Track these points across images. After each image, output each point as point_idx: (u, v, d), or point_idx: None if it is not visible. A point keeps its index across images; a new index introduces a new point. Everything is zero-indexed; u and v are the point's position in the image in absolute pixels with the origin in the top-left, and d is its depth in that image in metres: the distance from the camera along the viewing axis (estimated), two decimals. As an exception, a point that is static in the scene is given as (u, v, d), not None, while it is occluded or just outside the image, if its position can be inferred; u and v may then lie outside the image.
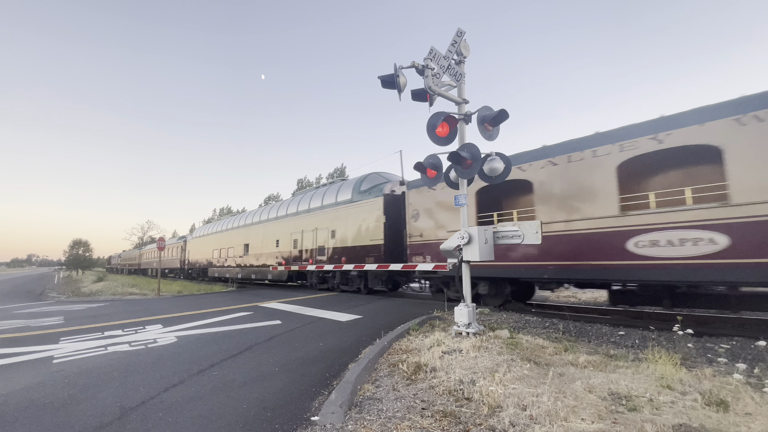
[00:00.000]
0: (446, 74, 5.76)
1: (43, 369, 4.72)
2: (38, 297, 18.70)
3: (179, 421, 3.13)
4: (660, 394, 3.15)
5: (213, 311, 9.55)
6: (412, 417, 2.98)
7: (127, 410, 3.36)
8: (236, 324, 7.50)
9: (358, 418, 3.03)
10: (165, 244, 18.72)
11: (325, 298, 11.80)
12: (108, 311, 10.46)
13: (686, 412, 2.82)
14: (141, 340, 6.19)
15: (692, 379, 3.47)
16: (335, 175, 47.42)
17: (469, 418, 2.91)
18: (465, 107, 5.87)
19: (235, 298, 13.20)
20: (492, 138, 5.86)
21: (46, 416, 3.29)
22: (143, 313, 9.78)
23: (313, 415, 3.19)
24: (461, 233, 5.49)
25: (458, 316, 5.50)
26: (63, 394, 3.78)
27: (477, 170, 5.69)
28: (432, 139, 5.68)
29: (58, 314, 10.13)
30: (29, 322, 8.82)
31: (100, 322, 8.29)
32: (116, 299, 14.89)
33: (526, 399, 3.08)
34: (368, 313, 8.56)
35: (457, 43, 5.73)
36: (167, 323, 7.89)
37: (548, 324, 6.82)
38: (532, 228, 5.40)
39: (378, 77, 5.41)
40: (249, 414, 3.24)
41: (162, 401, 3.55)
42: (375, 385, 3.79)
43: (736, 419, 2.71)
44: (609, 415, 2.80)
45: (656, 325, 6.17)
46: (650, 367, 3.78)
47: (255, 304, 10.88)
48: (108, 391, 3.85)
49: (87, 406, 3.47)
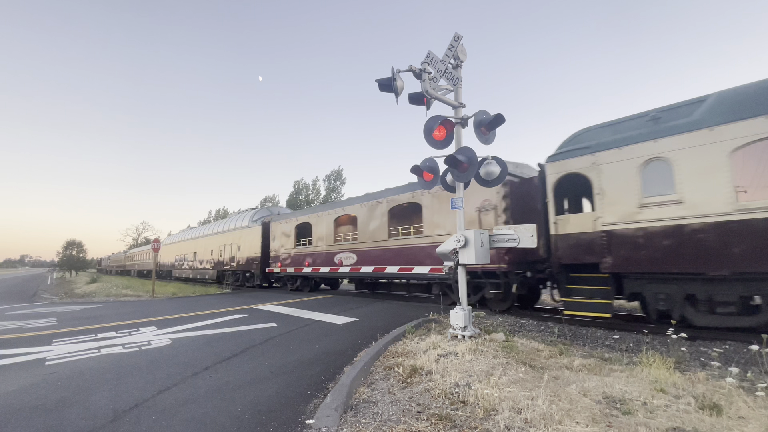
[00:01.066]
0: (443, 78, 5.79)
1: (36, 371, 4.67)
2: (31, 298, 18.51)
3: (173, 424, 3.11)
4: (654, 397, 3.17)
5: (208, 313, 9.49)
6: (407, 420, 2.98)
7: (120, 413, 3.33)
8: (231, 326, 7.46)
9: (354, 421, 3.03)
10: (160, 245, 18.67)
11: (321, 301, 11.77)
12: (101, 313, 10.37)
13: (680, 416, 2.84)
14: (135, 342, 6.14)
15: (686, 383, 3.50)
16: (332, 178, 47.46)
17: (465, 422, 2.91)
18: (462, 111, 5.90)
19: (230, 300, 13.14)
20: (488, 142, 5.89)
21: (37, 419, 3.25)
22: (137, 314, 9.71)
23: (308, 418, 3.18)
24: (457, 236, 5.50)
25: (454, 320, 5.50)
26: (55, 397, 3.74)
27: (473, 174, 5.72)
28: (429, 143, 5.70)
29: (50, 315, 10.03)
30: (22, 323, 8.72)
31: (94, 324, 8.21)
32: (110, 301, 14.75)
33: (521, 402, 3.09)
34: (364, 315, 8.54)
35: (454, 47, 5.77)
36: (161, 325, 7.83)
37: (543, 327, 6.85)
38: (528, 231, 5.43)
39: (375, 81, 5.43)
40: (243, 417, 3.22)
41: (155, 404, 3.52)
42: (370, 388, 3.78)
43: (729, 423, 2.73)
44: (603, 419, 2.81)
45: (651, 329, 6.21)
46: (644, 371, 3.80)
47: (250, 306, 10.83)
48: (101, 393, 3.82)
49: (79, 409, 3.44)
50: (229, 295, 15.37)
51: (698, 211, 5.92)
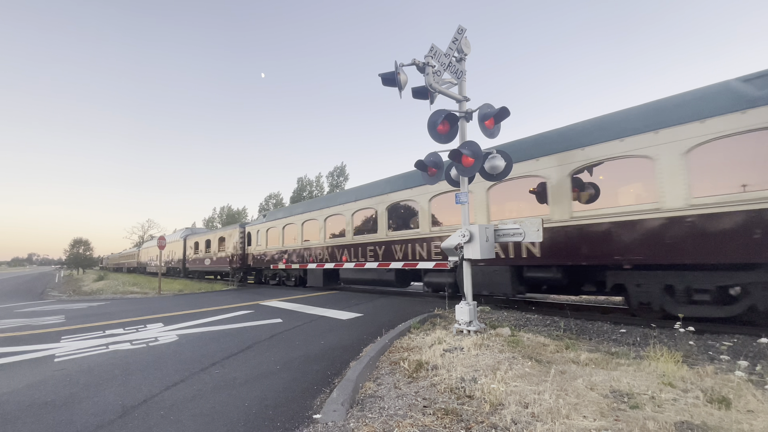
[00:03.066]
0: (447, 72, 5.73)
1: (45, 367, 4.72)
2: (39, 296, 18.71)
3: (181, 419, 3.13)
4: (662, 391, 3.14)
5: (214, 309, 9.56)
6: (413, 415, 2.98)
7: (128, 409, 3.37)
8: (237, 322, 7.51)
9: (360, 416, 3.03)
10: (165, 242, 18.80)
11: (326, 297, 11.81)
12: (109, 310, 10.47)
13: (688, 410, 2.81)
14: (142, 339, 6.20)
15: (694, 377, 3.47)
16: (335, 175, 47.46)
17: (471, 416, 2.91)
18: (466, 105, 5.85)
19: (235, 296, 13.21)
20: (493, 136, 5.84)
21: (47, 415, 3.29)
22: (144, 311, 9.79)
23: (315, 413, 3.19)
24: (462, 231, 5.48)
25: (459, 314, 5.49)
26: (65, 393, 3.79)
27: (478, 168, 5.67)
28: (433, 137, 5.66)
29: (59, 313, 10.14)
30: (30, 320, 8.83)
31: (101, 321, 8.30)
32: (117, 298, 14.90)
33: (527, 397, 3.08)
34: (369, 311, 8.56)
35: (458, 40, 5.71)
36: (168, 322, 7.89)
37: (549, 322, 6.82)
38: (534, 226, 5.39)
39: (378, 75, 5.40)
40: (251, 412, 3.24)
41: (164, 400, 3.55)
42: (376, 383, 3.79)
43: (738, 416, 2.71)
44: (611, 413, 2.79)
45: (658, 322, 6.17)
46: (652, 365, 3.77)
47: (256, 302, 10.89)
48: (109, 389, 3.85)
49: (89, 405, 3.47)
50: (235, 292, 15.47)
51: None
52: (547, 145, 7.66)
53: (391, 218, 11.31)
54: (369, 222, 12.13)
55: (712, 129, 5.58)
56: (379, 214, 11.54)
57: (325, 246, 13.81)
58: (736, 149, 5.49)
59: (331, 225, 13.85)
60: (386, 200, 11.38)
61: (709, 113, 5.65)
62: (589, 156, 6.92)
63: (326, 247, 13.77)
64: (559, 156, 7.32)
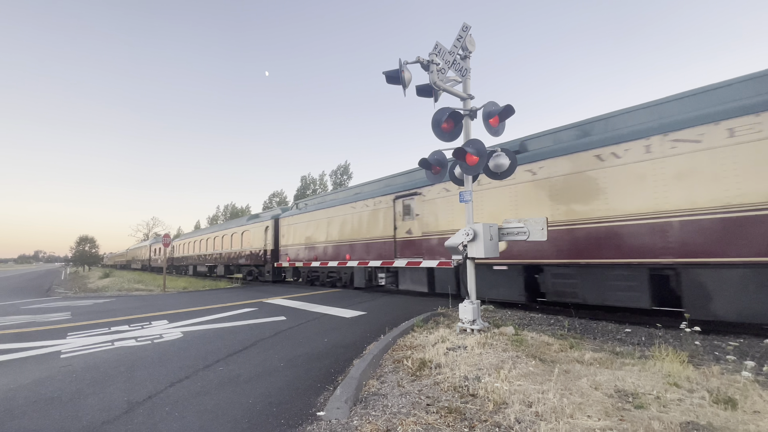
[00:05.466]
0: (451, 70, 5.71)
1: (51, 364, 4.77)
2: (45, 293, 18.88)
3: (186, 415, 3.15)
4: (667, 391, 3.13)
5: (218, 307, 9.61)
6: (417, 413, 2.98)
7: (134, 404, 3.39)
8: (241, 320, 7.54)
9: (363, 413, 3.04)
10: (170, 240, 18.92)
11: (330, 295, 11.83)
12: (114, 307, 10.55)
13: (694, 410, 2.80)
14: (147, 336, 6.24)
15: (700, 377, 3.44)
16: (339, 173, 47.52)
17: (475, 415, 2.91)
18: (470, 103, 5.82)
19: (239, 294, 13.27)
20: (497, 134, 5.81)
21: (54, 410, 3.32)
22: (149, 308, 9.86)
23: (318, 410, 3.20)
24: (466, 230, 5.46)
25: (463, 313, 5.49)
26: (71, 389, 3.82)
27: (482, 166, 5.65)
28: (437, 135, 5.64)
29: (65, 310, 10.23)
30: (37, 317, 8.91)
31: (107, 318, 8.37)
32: (122, 295, 15.00)
33: (531, 396, 3.07)
34: (372, 309, 8.57)
35: (462, 38, 5.68)
36: (173, 319, 7.94)
37: (553, 321, 6.80)
38: (538, 225, 5.36)
39: (383, 73, 5.38)
40: (255, 409, 3.26)
41: (168, 396, 3.58)
42: (380, 381, 3.80)
43: (745, 417, 2.68)
44: (616, 413, 2.78)
45: (663, 322, 6.12)
46: (657, 365, 3.75)
47: (260, 300, 10.94)
48: (115, 385, 3.89)
49: (94, 401, 3.50)
50: (239, 289, 15.54)
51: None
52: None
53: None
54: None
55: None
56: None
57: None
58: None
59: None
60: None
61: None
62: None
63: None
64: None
